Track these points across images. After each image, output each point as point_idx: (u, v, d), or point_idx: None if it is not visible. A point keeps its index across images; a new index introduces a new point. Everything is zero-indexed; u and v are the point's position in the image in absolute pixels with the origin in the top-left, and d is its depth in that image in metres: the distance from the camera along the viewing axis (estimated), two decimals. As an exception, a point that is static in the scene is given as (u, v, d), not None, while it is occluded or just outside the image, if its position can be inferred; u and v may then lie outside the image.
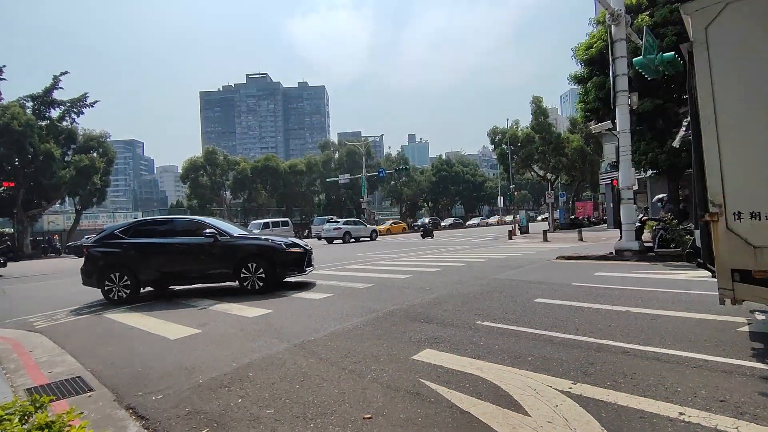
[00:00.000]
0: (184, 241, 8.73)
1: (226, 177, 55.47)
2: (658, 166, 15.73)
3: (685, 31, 15.01)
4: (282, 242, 8.92)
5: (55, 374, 4.35)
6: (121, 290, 8.41)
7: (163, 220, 9.69)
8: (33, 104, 33.95)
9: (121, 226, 9.33)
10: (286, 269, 8.72)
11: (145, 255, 8.62)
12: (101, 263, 8.68)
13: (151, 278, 8.69)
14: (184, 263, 8.67)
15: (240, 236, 8.95)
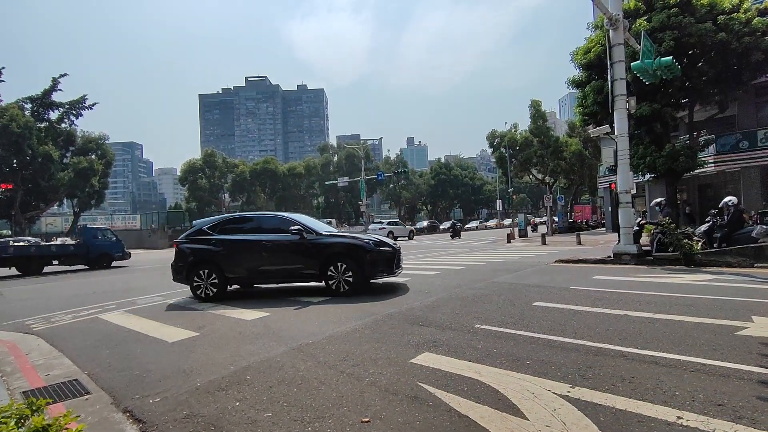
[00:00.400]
0: (270, 239, 8.36)
1: (225, 179, 55.48)
2: (656, 170, 15.77)
3: (683, 36, 15.20)
4: (371, 240, 8.30)
5: (52, 377, 4.33)
6: (209, 288, 8.26)
7: (249, 217, 9.24)
8: (32, 106, 33.95)
9: (209, 221, 9.10)
10: (375, 270, 8.12)
11: (232, 252, 8.40)
12: (190, 259, 8.56)
13: (238, 276, 8.45)
14: (270, 261, 8.34)
15: (327, 234, 8.45)
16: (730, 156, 20.01)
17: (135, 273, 15.51)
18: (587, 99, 16.29)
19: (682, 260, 10.39)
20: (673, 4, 14.64)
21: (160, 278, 12.93)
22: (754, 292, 6.77)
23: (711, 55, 14.48)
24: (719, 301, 6.15)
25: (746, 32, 14.11)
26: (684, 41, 14.11)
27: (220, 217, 9.45)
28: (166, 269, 16.10)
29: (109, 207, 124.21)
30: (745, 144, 19.59)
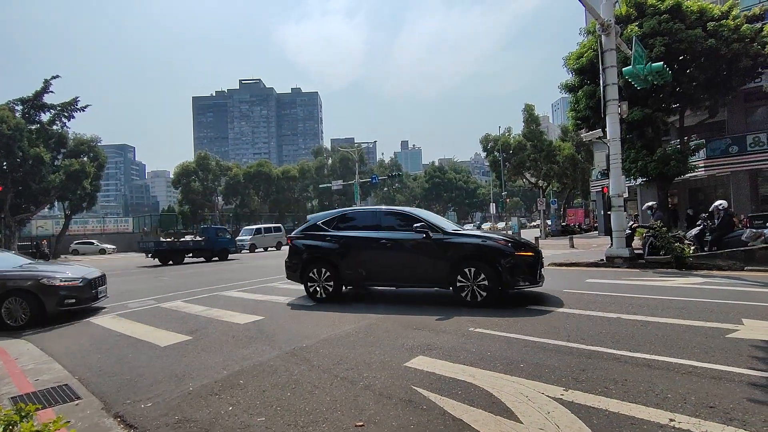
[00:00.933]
0: (391, 237, 7.52)
1: (219, 182, 55.21)
2: (648, 174, 15.92)
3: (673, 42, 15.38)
4: (509, 242, 7.12)
5: (42, 382, 4.27)
6: (324, 287, 7.83)
7: (368, 212, 8.33)
8: (23, 108, 33.57)
9: (325, 216, 8.52)
10: (516, 278, 6.74)
11: (348, 250, 7.79)
12: (305, 257, 8.15)
13: (354, 276, 7.77)
14: (390, 261, 7.55)
15: (455, 233, 7.36)
16: (720, 160, 20.26)
17: (126, 277, 15.36)
18: (580, 104, 16.42)
19: (674, 263, 10.49)
20: (663, 11, 14.82)
21: (152, 282, 12.83)
22: (744, 295, 6.84)
23: (701, 61, 14.66)
24: (710, 304, 6.21)
25: (735, 39, 14.31)
26: (674, 47, 14.28)
27: (337, 211, 8.76)
28: (158, 272, 15.95)
29: (101, 210, 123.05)
30: (735, 149, 19.85)
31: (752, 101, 20.37)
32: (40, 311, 7.07)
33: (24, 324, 6.98)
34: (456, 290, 6.99)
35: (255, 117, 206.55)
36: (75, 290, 7.47)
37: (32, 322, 6.99)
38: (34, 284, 7.16)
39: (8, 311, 7.04)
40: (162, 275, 14.55)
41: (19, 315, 7.02)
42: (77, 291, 7.51)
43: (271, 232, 34.60)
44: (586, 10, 11.11)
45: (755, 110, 20.78)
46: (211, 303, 8.40)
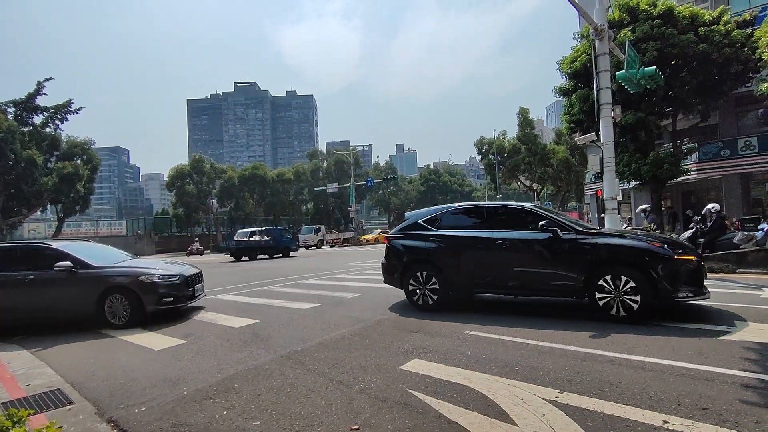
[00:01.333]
0: (509, 237, 6.43)
1: (213, 185, 54.93)
2: (641, 177, 16.04)
3: (666, 47, 15.49)
4: (664, 243, 5.89)
5: (34, 387, 4.23)
6: (428, 294, 6.92)
7: (478, 208, 7.20)
8: (15, 110, 33.28)
9: (428, 213, 7.57)
10: (676, 287, 5.48)
11: (457, 252, 6.81)
12: (405, 259, 7.29)
13: (463, 282, 6.79)
14: (508, 266, 6.42)
15: (591, 232, 6.22)
16: (712, 164, 20.44)
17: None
18: (573, 107, 16.54)
19: None
20: (656, 16, 14.99)
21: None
22: (736, 298, 6.90)
23: (693, 66, 14.82)
24: (703, 306, 6.25)
25: (726, 44, 14.49)
26: (667, 52, 14.43)
27: (441, 207, 7.67)
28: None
29: (94, 213, 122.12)
30: (727, 152, 20.04)
31: (743, 105, 20.60)
32: (140, 310, 6.81)
33: (125, 323, 6.73)
34: (594, 302, 5.80)
35: (250, 120, 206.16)
36: (173, 288, 7.11)
37: (132, 320, 6.77)
38: (134, 281, 6.87)
39: (111, 309, 6.81)
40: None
41: (121, 313, 6.77)
42: (175, 289, 7.15)
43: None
44: (580, 14, 11.19)
45: (746, 114, 21.02)
46: (205, 306, 8.35)
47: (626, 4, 15.64)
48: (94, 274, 6.89)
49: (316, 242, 40.12)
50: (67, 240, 7.92)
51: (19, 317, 6.93)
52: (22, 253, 7.31)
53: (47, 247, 7.28)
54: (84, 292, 6.80)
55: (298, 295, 9.22)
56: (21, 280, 6.84)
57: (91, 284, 6.81)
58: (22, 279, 6.84)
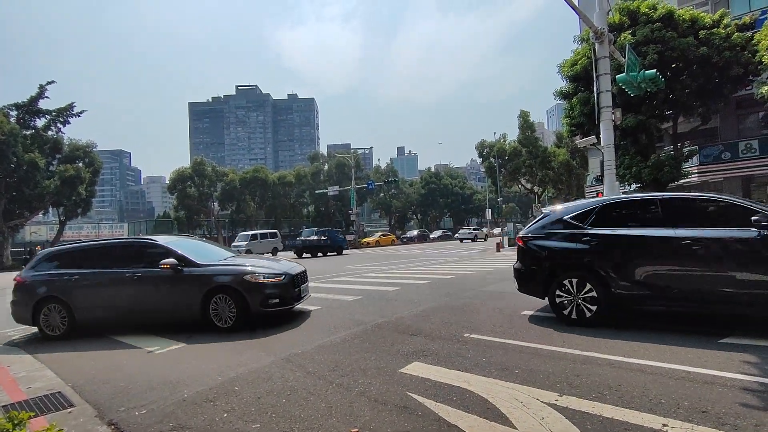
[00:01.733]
0: (700, 236, 5.09)
1: (214, 188, 55.03)
2: (642, 180, 16.06)
3: (666, 50, 15.52)
4: None
5: (34, 390, 4.24)
6: (582, 305, 5.66)
7: (650, 200, 5.73)
8: (17, 113, 33.43)
9: (575, 208, 6.20)
10: None
11: (623, 254, 5.52)
12: (548, 264, 6.08)
13: (633, 292, 5.40)
14: (701, 273, 5.06)
15: None
16: (713, 166, 20.43)
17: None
18: (574, 110, 16.59)
19: None
20: (656, 19, 15.04)
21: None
22: (737, 301, 6.87)
23: (693, 69, 14.86)
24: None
25: (726, 47, 14.53)
26: (667, 55, 14.47)
27: (594, 201, 6.24)
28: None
29: (96, 215, 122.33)
30: (727, 155, 20.04)
31: (744, 108, 20.61)
32: (246, 312, 6.28)
33: (231, 325, 6.22)
34: None
35: (251, 123, 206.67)
36: (279, 288, 6.53)
37: (239, 323, 6.23)
38: (239, 280, 6.32)
39: (216, 310, 6.32)
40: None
41: (227, 315, 6.25)
42: (281, 289, 6.56)
43: (267, 237, 34.56)
44: (580, 18, 11.23)
45: (747, 117, 21.02)
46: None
47: (626, 8, 15.71)
48: (198, 273, 6.43)
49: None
50: (168, 235, 7.59)
51: (125, 317, 6.62)
52: (128, 249, 6.97)
53: (153, 243, 6.90)
54: (189, 291, 6.37)
55: (299, 298, 9.18)
56: (129, 277, 6.49)
57: (196, 283, 6.36)
58: (130, 276, 6.49)
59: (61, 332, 6.57)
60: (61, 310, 6.59)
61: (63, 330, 6.58)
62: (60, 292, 6.64)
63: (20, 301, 6.86)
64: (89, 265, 6.79)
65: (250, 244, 31.95)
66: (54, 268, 6.95)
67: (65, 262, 7.01)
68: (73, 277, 6.67)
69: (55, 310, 6.62)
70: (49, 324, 6.63)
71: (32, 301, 6.71)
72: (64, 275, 6.75)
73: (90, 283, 6.64)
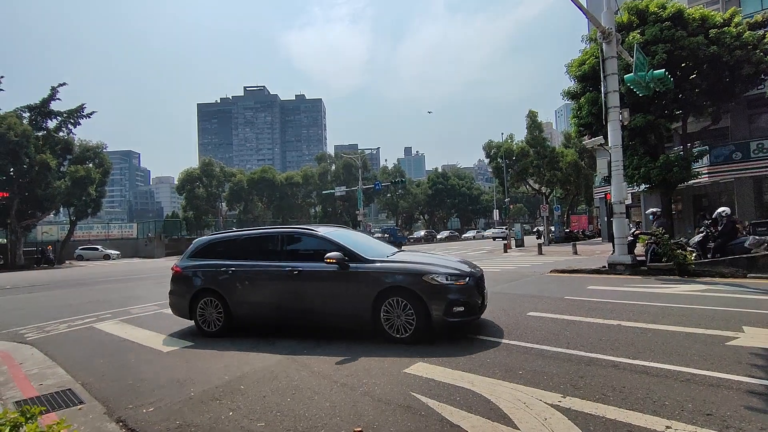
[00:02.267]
0: None
1: (223, 188, 55.48)
2: (651, 180, 15.89)
3: (676, 49, 15.39)
4: None
5: (46, 387, 4.33)
6: None
7: None
8: (30, 115, 33.92)
9: None
10: None
11: None
12: None
13: None
14: None
15: None
16: (724, 167, 20.19)
17: (130, 282, 15.46)
18: (582, 110, 16.46)
19: (676, 270, 10.45)
20: (665, 18, 14.88)
21: (155, 287, 12.90)
22: (745, 303, 6.82)
23: (703, 68, 14.68)
24: (711, 312, 6.19)
25: (737, 46, 14.34)
26: (676, 54, 14.32)
27: None
28: (161, 278, 16.04)
29: (105, 215, 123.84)
30: (738, 155, 19.78)
31: (755, 108, 20.35)
32: (426, 320, 5.09)
33: (409, 335, 5.13)
34: None
35: (259, 123, 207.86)
36: (464, 293, 5.24)
37: (418, 334, 5.10)
38: (417, 281, 5.19)
39: (388, 317, 5.25)
40: (165, 281, 14.60)
41: (402, 322, 5.18)
42: (467, 294, 5.27)
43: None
44: (587, 18, 11.17)
45: (759, 117, 20.74)
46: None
47: (635, 7, 15.57)
48: (368, 270, 5.45)
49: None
50: (327, 226, 6.74)
51: (282, 317, 5.97)
52: (286, 240, 6.18)
53: (314, 234, 6.11)
54: (357, 292, 5.44)
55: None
56: (288, 272, 5.78)
57: (366, 283, 5.39)
58: (290, 271, 5.77)
59: (216, 329, 6.10)
60: (218, 304, 6.12)
61: (219, 326, 6.10)
62: (217, 284, 6.17)
63: (178, 293, 6.54)
64: (245, 256, 6.23)
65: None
66: (210, 258, 6.48)
67: (222, 251, 6.50)
68: (230, 269, 6.14)
69: (212, 304, 6.17)
70: (206, 319, 6.20)
71: (189, 293, 6.33)
72: (221, 266, 6.22)
73: (247, 276, 6.06)
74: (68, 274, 23.05)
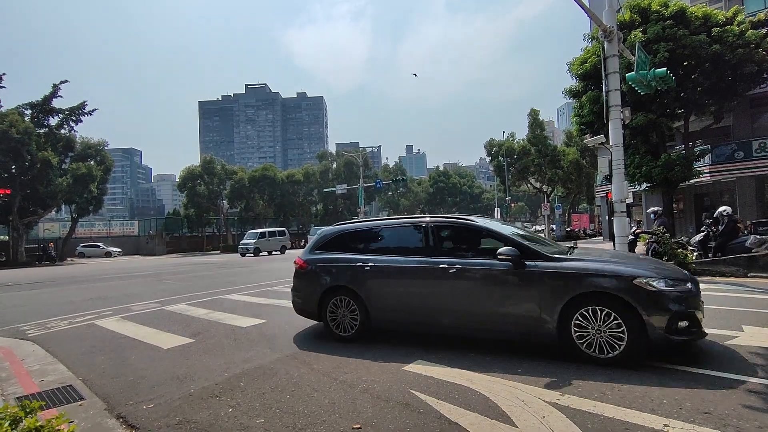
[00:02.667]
0: None
1: (224, 186, 55.45)
2: (652, 179, 15.86)
3: (678, 47, 15.28)
4: None
5: (47, 383, 4.35)
6: None
7: None
8: (32, 112, 33.99)
9: None
10: None
11: None
12: None
13: None
14: None
15: None
16: (726, 166, 20.14)
17: (131, 280, 15.49)
18: (584, 109, 16.42)
19: None
20: (667, 16, 14.83)
21: (156, 285, 12.93)
22: (745, 302, 6.81)
23: (705, 67, 14.63)
24: (710, 311, 6.18)
25: (740, 44, 14.29)
26: (678, 53, 14.27)
27: None
28: (161, 275, 16.08)
29: (107, 213, 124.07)
30: (740, 154, 19.73)
31: (758, 107, 20.28)
32: (639, 336, 3.95)
33: (617, 356, 4.01)
34: None
35: (260, 121, 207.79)
36: (689, 303, 4.08)
37: (629, 352, 3.98)
38: (625, 286, 4.04)
39: (584, 331, 4.14)
40: (166, 279, 14.69)
41: (604, 339, 4.07)
42: (691, 305, 4.10)
43: (276, 236, 34.83)
44: (589, 16, 11.13)
45: (761, 116, 20.67)
46: (214, 306, 8.48)
47: (637, 5, 15.51)
48: (552, 270, 4.33)
49: (325, 243, 40.26)
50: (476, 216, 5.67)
51: (434, 324, 4.98)
52: (436, 231, 5.21)
53: (472, 224, 5.12)
54: (536, 296, 4.34)
55: (306, 296, 9.27)
56: (444, 270, 4.83)
57: (550, 285, 4.29)
58: (446, 269, 4.81)
59: (352, 333, 5.37)
60: (351, 304, 5.38)
61: (354, 330, 5.36)
62: (352, 281, 5.38)
63: (303, 290, 5.84)
64: (383, 250, 5.46)
65: (259, 242, 32.21)
66: (340, 251, 5.74)
67: (354, 243, 5.74)
68: (368, 264, 5.32)
69: (344, 303, 5.44)
70: (338, 321, 5.47)
71: (318, 290, 5.60)
72: (357, 261, 5.44)
73: (390, 273, 5.20)
74: (70, 271, 23.12)
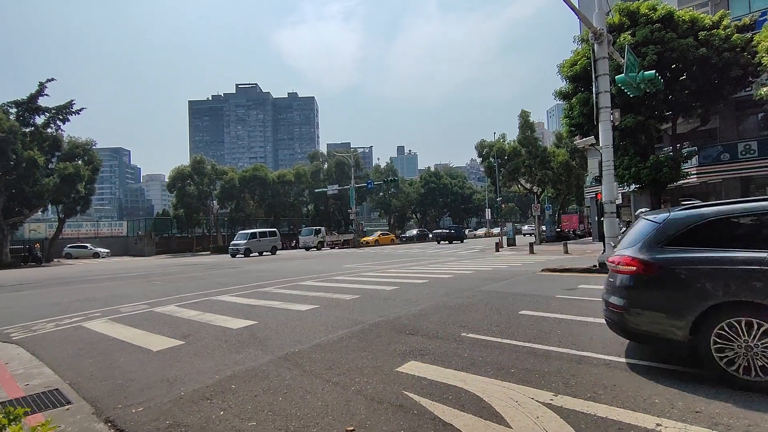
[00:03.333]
0: None
1: (214, 186, 54.96)
2: (641, 180, 16.08)
3: (666, 50, 15.50)
4: None
5: (32, 387, 4.25)
6: None
7: None
8: (17, 110, 33.38)
9: None
10: None
11: None
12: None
13: None
14: None
15: None
16: (712, 167, 20.48)
17: (119, 281, 15.28)
18: (574, 110, 16.59)
19: None
20: (656, 20, 15.05)
21: (145, 286, 12.77)
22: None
23: (693, 70, 14.87)
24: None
25: (726, 48, 14.55)
26: (666, 56, 14.49)
27: None
28: (151, 277, 15.87)
29: (95, 213, 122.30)
30: (726, 156, 20.07)
31: (743, 109, 20.64)
32: None
33: None
34: None
35: (251, 121, 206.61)
36: None
37: None
38: None
39: None
40: (155, 280, 14.51)
41: None
42: None
43: (267, 236, 34.64)
44: (579, 18, 11.23)
45: (746, 118, 21.05)
46: (204, 308, 8.38)
47: (626, 8, 15.71)
48: None
49: (315, 244, 40.14)
50: None
51: None
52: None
53: None
54: None
55: (296, 297, 9.24)
56: None
57: None
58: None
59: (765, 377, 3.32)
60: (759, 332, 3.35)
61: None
62: (754, 295, 3.39)
63: (659, 307, 3.79)
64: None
65: (250, 242, 32.00)
66: (719, 247, 3.70)
67: (743, 234, 3.86)
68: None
69: (747, 331, 3.39)
70: (736, 362, 3.41)
71: (694, 308, 3.58)
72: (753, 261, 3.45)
73: None
74: (56, 272, 22.74)
